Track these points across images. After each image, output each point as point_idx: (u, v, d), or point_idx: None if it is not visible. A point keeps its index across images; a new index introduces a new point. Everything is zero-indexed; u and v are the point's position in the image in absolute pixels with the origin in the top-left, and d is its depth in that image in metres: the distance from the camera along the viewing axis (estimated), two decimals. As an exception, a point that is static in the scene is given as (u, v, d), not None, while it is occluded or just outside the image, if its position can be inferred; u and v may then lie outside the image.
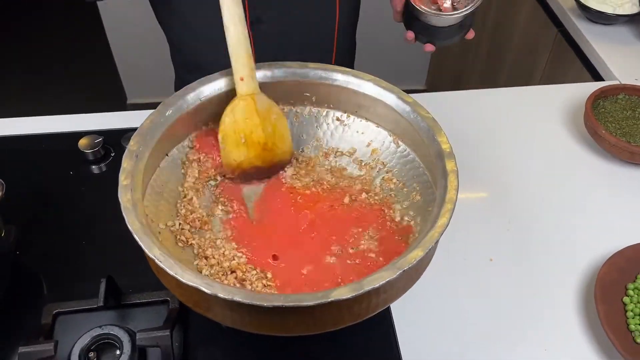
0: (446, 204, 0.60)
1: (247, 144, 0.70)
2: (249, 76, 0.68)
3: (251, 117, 0.69)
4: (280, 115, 0.71)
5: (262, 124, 0.70)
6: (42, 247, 0.81)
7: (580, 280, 0.79)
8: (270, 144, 0.71)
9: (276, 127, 0.71)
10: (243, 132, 0.69)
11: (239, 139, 0.69)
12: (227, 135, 0.69)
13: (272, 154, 0.72)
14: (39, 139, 0.94)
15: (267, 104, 0.70)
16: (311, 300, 0.51)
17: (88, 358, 0.65)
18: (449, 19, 0.79)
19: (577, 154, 0.98)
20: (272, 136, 0.71)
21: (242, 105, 0.68)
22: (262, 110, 0.69)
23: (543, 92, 1.12)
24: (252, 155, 0.71)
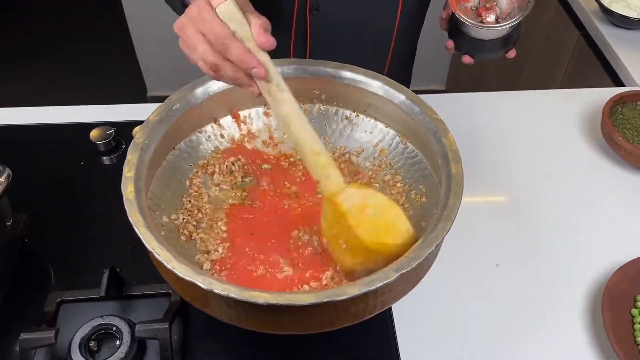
0: (449, 207, 0.59)
1: (349, 250, 0.61)
2: (323, 176, 0.60)
3: (339, 222, 0.60)
4: (382, 204, 0.61)
5: (355, 227, 0.59)
6: (50, 235, 0.82)
7: (587, 289, 0.78)
8: (373, 245, 0.59)
9: (377, 223, 0.60)
10: (341, 237, 0.61)
11: (339, 245, 0.61)
12: (330, 242, 0.63)
13: (383, 252, 0.59)
14: (51, 129, 0.95)
15: (357, 199, 0.60)
16: (306, 300, 0.50)
17: (88, 347, 0.66)
18: (490, 32, 0.78)
19: (592, 160, 0.96)
20: (373, 237, 0.59)
21: (329, 209, 0.61)
22: (351, 209, 0.60)
23: (561, 96, 1.10)
24: (361, 259, 0.61)
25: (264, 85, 0.59)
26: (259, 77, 0.58)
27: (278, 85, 0.59)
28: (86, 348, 0.65)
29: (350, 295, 0.51)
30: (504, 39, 0.80)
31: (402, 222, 0.60)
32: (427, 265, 0.61)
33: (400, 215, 0.60)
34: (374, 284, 0.52)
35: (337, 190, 0.60)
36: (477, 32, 0.78)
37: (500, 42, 0.80)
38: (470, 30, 0.79)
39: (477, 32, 0.78)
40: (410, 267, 0.53)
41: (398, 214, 0.60)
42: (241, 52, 0.56)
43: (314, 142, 0.60)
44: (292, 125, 0.59)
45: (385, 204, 0.61)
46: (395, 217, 0.60)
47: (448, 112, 0.73)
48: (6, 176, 0.64)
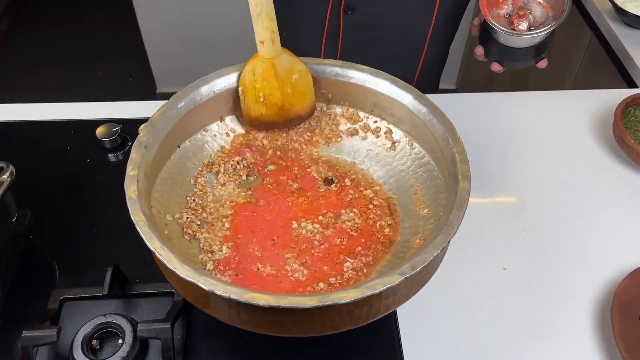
0: (456, 210, 0.58)
1: (265, 103, 0.71)
2: (269, 39, 0.68)
3: (269, 80, 0.70)
4: (302, 73, 0.71)
5: (280, 87, 0.70)
6: (55, 232, 0.82)
7: (596, 295, 0.76)
8: (288, 104, 0.72)
9: (296, 87, 0.71)
10: (262, 91, 0.70)
11: (257, 97, 0.71)
12: (246, 90, 0.70)
13: (290, 112, 0.73)
14: (57, 126, 0.95)
15: (288, 65, 0.70)
16: (308, 303, 0.50)
17: (91, 346, 0.65)
18: (522, 40, 0.77)
19: (603, 162, 0.94)
20: (291, 97, 0.72)
21: (262, 67, 0.69)
22: (282, 72, 0.70)
23: (572, 97, 1.08)
24: (271, 113, 0.72)
25: None
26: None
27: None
28: (88, 346, 0.65)
29: (353, 299, 0.50)
30: (535, 47, 0.78)
31: (311, 91, 0.72)
32: (432, 269, 0.60)
33: (311, 85, 0.72)
34: (377, 288, 0.51)
35: (276, 53, 0.69)
36: (508, 39, 0.77)
37: (531, 50, 0.79)
38: (501, 38, 0.78)
39: (509, 39, 0.77)
40: (415, 271, 0.52)
41: (310, 83, 0.71)
42: None
43: (271, 8, 0.66)
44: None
45: (304, 72, 0.71)
46: (307, 87, 0.72)
47: (457, 112, 0.72)
48: (9, 173, 0.64)
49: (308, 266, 0.64)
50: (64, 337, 0.66)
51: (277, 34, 0.68)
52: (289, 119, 0.74)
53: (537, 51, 0.79)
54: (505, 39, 0.78)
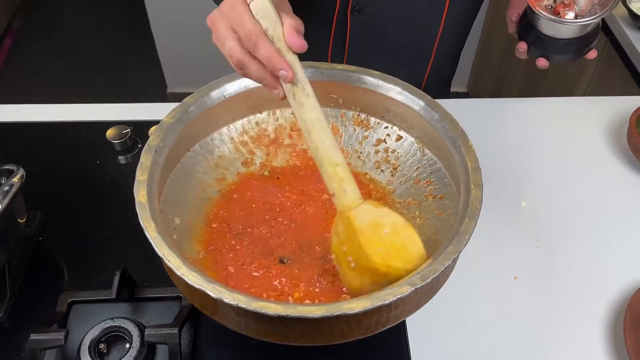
0: (468, 219, 0.57)
1: (357, 269, 0.57)
2: (339, 190, 0.57)
3: (351, 239, 0.57)
4: (397, 225, 0.57)
5: (366, 246, 0.56)
6: (64, 234, 0.82)
7: (609, 306, 0.75)
8: (383, 268, 0.55)
9: (391, 245, 0.56)
10: (350, 254, 0.57)
11: (348, 263, 0.57)
12: (339, 258, 0.59)
13: (394, 276, 0.55)
14: (68, 127, 0.95)
15: (372, 217, 0.57)
16: (317, 313, 0.49)
17: (98, 349, 0.65)
18: (570, 29, 0.74)
19: (617, 171, 0.93)
20: (384, 259, 0.55)
21: (342, 223, 0.58)
22: (365, 228, 0.56)
23: (585, 104, 1.07)
24: (367, 281, 0.56)
25: (289, 88, 0.56)
26: (286, 80, 0.55)
27: (304, 89, 0.56)
28: (96, 350, 0.65)
29: (363, 309, 0.50)
30: (582, 38, 0.75)
31: (416, 245, 0.56)
32: (442, 279, 0.59)
33: (415, 238, 0.56)
34: (387, 298, 0.50)
35: (352, 205, 0.57)
36: (557, 29, 0.74)
37: (578, 41, 0.76)
38: (549, 29, 0.74)
39: (557, 29, 0.74)
40: (426, 282, 0.52)
41: (413, 236, 0.56)
42: (270, 51, 0.54)
43: (334, 152, 0.56)
44: (314, 133, 0.56)
45: (400, 225, 0.57)
46: (410, 240, 0.56)
47: (468, 118, 0.71)
48: (20, 176, 0.64)
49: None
50: (71, 341, 0.66)
51: (349, 180, 0.57)
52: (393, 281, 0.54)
53: (584, 42, 0.76)
54: (554, 29, 0.74)
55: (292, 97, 0.56)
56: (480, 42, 2.15)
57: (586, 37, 0.76)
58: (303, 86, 0.56)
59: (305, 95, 0.56)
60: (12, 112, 0.98)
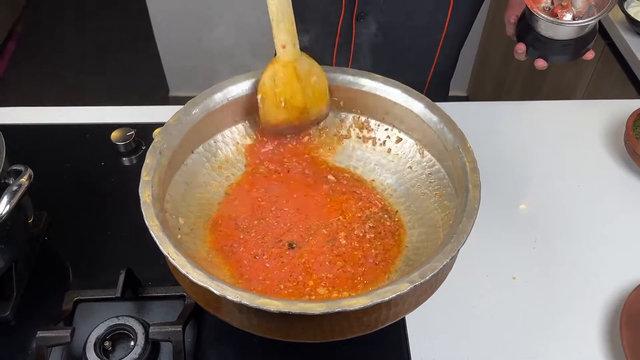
0: (466, 219, 0.58)
1: (287, 107, 0.71)
2: (291, 44, 0.68)
3: (291, 84, 0.70)
4: (320, 75, 0.71)
5: (302, 90, 0.70)
6: (70, 234, 0.83)
7: (606, 306, 0.76)
8: (309, 106, 0.72)
9: (316, 88, 0.71)
10: (283, 96, 0.70)
11: (279, 102, 0.70)
12: (266, 97, 0.70)
13: (310, 114, 0.73)
14: (73, 129, 0.97)
15: (308, 68, 0.70)
16: (318, 309, 0.50)
17: (103, 347, 0.66)
18: (568, 30, 0.75)
19: (614, 173, 0.94)
20: (312, 99, 0.72)
21: (283, 71, 0.69)
22: (303, 75, 0.70)
23: (583, 107, 1.08)
24: (292, 117, 0.72)
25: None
26: None
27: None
28: (101, 348, 0.66)
29: (363, 306, 0.51)
30: (580, 39, 0.77)
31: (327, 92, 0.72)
32: (441, 277, 0.61)
33: (327, 86, 0.72)
34: (386, 295, 0.51)
35: (297, 56, 0.69)
36: (555, 30, 0.75)
37: (576, 42, 0.77)
38: (548, 30, 0.76)
39: (555, 30, 0.75)
40: (425, 279, 0.53)
41: (326, 83, 0.72)
42: None
43: (291, 12, 0.66)
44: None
45: (320, 72, 0.71)
46: (324, 87, 0.72)
47: (468, 121, 0.72)
48: (27, 176, 0.65)
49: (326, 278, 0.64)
50: (77, 338, 0.67)
51: (296, 36, 0.69)
52: (308, 121, 0.74)
53: (582, 43, 0.77)
54: (553, 31, 0.76)
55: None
56: (480, 46, 2.16)
57: (584, 38, 0.77)
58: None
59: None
60: (19, 115, 0.99)
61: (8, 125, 0.96)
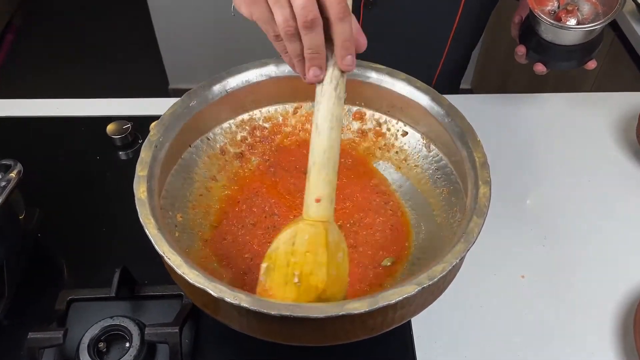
0: (476, 217, 0.56)
1: (301, 286, 0.51)
2: (328, 199, 0.51)
3: (315, 253, 0.51)
4: (346, 254, 0.54)
5: (327, 265, 0.50)
6: (64, 231, 0.81)
7: (618, 305, 0.74)
8: (329, 292, 0.51)
9: (339, 272, 0.53)
10: (300, 269, 0.51)
11: (290, 277, 0.51)
12: (275, 268, 0.52)
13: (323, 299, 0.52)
14: (67, 122, 0.94)
15: (338, 239, 0.53)
16: (321, 313, 0.48)
17: (97, 348, 0.64)
18: (572, 35, 0.73)
19: (626, 168, 0.92)
20: (333, 284, 0.52)
21: (310, 233, 0.51)
22: (332, 245, 0.51)
23: (592, 100, 1.05)
24: (301, 299, 0.51)
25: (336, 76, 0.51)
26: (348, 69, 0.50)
27: (345, 85, 0.51)
28: (95, 349, 0.64)
29: (368, 309, 0.48)
30: (583, 46, 0.74)
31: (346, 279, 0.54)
32: (449, 278, 0.58)
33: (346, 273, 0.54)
34: (393, 298, 0.49)
35: (330, 218, 0.52)
36: (557, 34, 0.73)
37: (579, 49, 0.75)
38: (548, 33, 0.74)
39: (558, 34, 0.73)
40: (433, 281, 0.50)
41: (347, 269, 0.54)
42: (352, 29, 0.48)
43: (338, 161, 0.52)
44: (335, 131, 0.51)
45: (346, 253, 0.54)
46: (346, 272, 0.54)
47: (473, 114, 0.69)
48: (17, 172, 0.63)
49: None
50: (70, 339, 0.65)
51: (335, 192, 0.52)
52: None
53: (585, 50, 0.75)
54: (554, 35, 0.74)
55: (333, 87, 0.51)
56: (485, 39, 2.13)
57: (587, 46, 0.75)
58: (344, 81, 0.52)
59: (345, 91, 0.52)
60: (11, 107, 0.97)
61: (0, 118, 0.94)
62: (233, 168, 0.72)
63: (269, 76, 0.69)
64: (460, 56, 1.00)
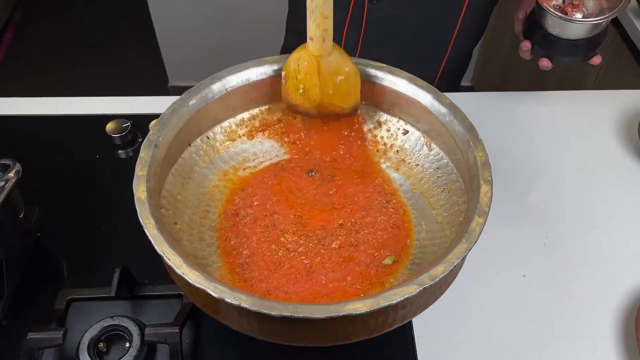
0: (477, 217, 0.55)
1: (305, 95, 0.69)
2: (320, 37, 0.64)
3: (311, 76, 0.67)
4: (350, 75, 0.68)
5: (320, 86, 0.67)
6: (63, 230, 0.80)
7: (620, 304, 0.74)
8: (326, 103, 0.69)
9: (340, 88, 0.68)
10: (302, 83, 0.68)
11: (297, 86, 0.68)
12: (288, 77, 0.68)
13: (329, 109, 0.70)
14: (67, 120, 0.94)
15: (335, 65, 0.67)
16: (322, 313, 0.48)
17: (97, 348, 0.64)
18: (577, 28, 0.73)
19: (627, 166, 0.91)
20: (332, 97, 0.69)
21: (306, 60, 0.66)
22: (326, 72, 0.67)
23: (594, 98, 1.05)
24: (308, 106, 0.70)
25: None
26: None
27: None
28: (95, 349, 0.64)
29: (369, 310, 0.48)
30: (588, 41, 0.74)
31: (356, 92, 0.69)
32: (451, 278, 0.58)
33: (357, 89, 0.69)
34: (394, 298, 0.49)
35: (325, 52, 0.65)
36: (562, 28, 0.73)
37: (584, 44, 0.74)
38: (555, 27, 0.73)
39: (564, 28, 0.73)
40: (434, 281, 0.50)
41: (356, 86, 0.69)
42: None
43: (326, 6, 0.62)
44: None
45: (352, 74, 0.68)
46: (353, 87, 0.69)
47: (474, 112, 0.69)
48: (15, 171, 0.62)
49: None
50: (70, 339, 0.65)
51: (330, 32, 0.65)
52: (326, 113, 0.71)
53: (590, 45, 0.74)
54: (560, 28, 0.73)
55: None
56: (486, 35, 2.12)
57: (592, 41, 0.74)
58: None
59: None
60: (10, 105, 0.96)
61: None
62: (234, 167, 0.71)
63: (268, 74, 0.69)
64: (464, 51, 1.00)
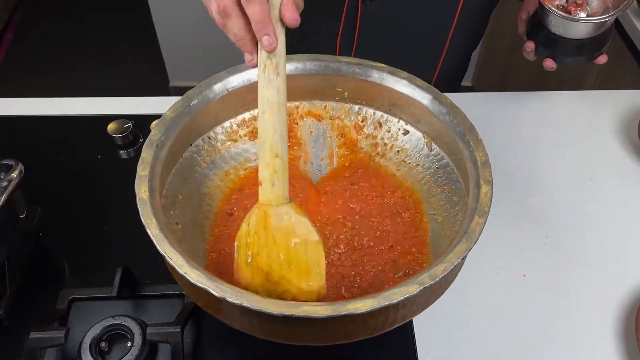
0: (477, 217, 0.56)
1: (252, 266, 0.54)
2: (268, 182, 0.53)
3: (258, 235, 0.54)
4: (310, 242, 0.54)
5: (268, 248, 0.53)
6: (65, 230, 0.80)
7: (620, 304, 0.74)
8: (276, 276, 0.53)
9: (294, 255, 0.53)
10: (251, 248, 0.54)
11: (247, 256, 0.54)
12: (240, 246, 0.55)
13: (278, 286, 0.53)
14: (68, 121, 0.94)
15: (288, 224, 0.53)
16: (323, 312, 0.48)
17: (99, 348, 0.64)
18: (581, 27, 0.72)
19: (627, 166, 0.91)
20: (281, 268, 0.53)
21: (256, 215, 0.54)
22: (276, 229, 0.53)
23: (594, 98, 1.05)
24: (257, 282, 0.54)
25: (264, 58, 0.52)
26: (267, 48, 0.51)
27: (277, 67, 0.53)
28: (97, 349, 0.64)
29: (369, 309, 0.48)
30: (593, 40, 0.74)
31: (319, 268, 0.53)
32: (451, 278, 0.58)
33: (321, 262, 0.53)
34: (394, 298, 0.49)
35: (274, 201, 0.53)
36: (566, 28, 0.72)
37: (589, 44, 0.74)
38: (558, 27, 0.73)
39: (568, 27, 0.72)
40: (435, 281, 0.50)
41: (320, 259, 0.53)
42: (263, 11, 0.50)
43: (280, 142, 0.53)
44: (269, 115, 0.53)
45: (312, 242, 0.53)
46: (315, 260, 0.53)
47: (474, 112, 0.69)
48: (18, 172, 0.63)
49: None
50: (72, 339, 0.65)
51: (283, 177, 0.54)
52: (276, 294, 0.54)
53: (595, 45, 0.74)
54: (564, 28, 0.73)
55: (262, 70, 0.53)
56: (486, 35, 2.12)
57: (597, 40, 0.74)
58: (278, 63, 0.53)
59: (275, 73, 0.53)
60: (12, 106, 0.97)
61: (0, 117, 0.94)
62: (235, 167, 0.71)
63: (269, 75, 0.69)
64: (462, 53, 0.99)
